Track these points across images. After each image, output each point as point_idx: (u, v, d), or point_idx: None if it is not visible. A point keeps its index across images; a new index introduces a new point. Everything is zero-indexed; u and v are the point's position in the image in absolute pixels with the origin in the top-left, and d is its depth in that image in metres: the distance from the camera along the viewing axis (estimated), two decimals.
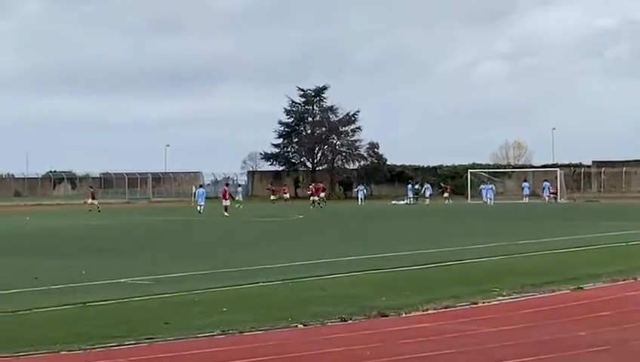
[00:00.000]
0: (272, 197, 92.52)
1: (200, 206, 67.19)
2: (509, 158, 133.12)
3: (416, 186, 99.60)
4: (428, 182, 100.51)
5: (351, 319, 14.28)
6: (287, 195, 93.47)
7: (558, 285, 18.49)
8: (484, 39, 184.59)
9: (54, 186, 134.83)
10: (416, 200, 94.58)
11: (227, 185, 75.59)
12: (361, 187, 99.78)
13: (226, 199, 66.32)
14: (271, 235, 39.94)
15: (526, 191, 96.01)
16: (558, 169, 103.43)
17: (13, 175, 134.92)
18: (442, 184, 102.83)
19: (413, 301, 16.11)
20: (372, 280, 19.95)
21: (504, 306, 15.98)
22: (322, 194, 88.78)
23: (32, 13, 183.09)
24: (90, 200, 78.48)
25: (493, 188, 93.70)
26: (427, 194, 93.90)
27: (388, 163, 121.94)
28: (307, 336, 12.87)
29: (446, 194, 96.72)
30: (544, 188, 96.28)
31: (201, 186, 75.78)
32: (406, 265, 23.26)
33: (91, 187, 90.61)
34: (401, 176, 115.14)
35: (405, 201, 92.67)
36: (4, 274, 21.89)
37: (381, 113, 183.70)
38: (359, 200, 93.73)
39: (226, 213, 61.82)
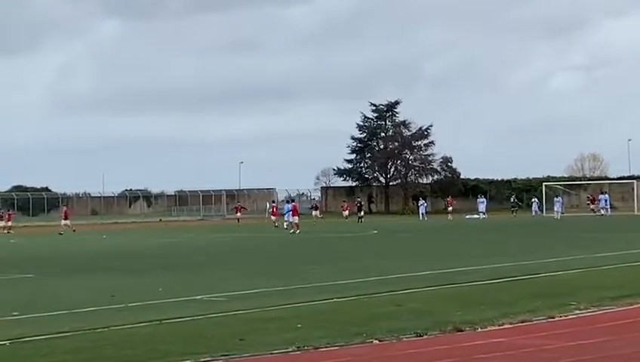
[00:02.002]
0: (345, 213, 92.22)
1: (286, 222, 67.65)
2: (584, 171, 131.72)
3: (512, 199, 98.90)
4: (536, 197, 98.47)
5: (426, 334, 14.20)
6: (347, 212, 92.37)
7: (636, 298, 18.19)
8: (557, 50, 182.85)
9: (130, 204, 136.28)
10: (514, 213, 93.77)
11: (292, 201, 74.82)
12: (422, 202, 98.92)
13: (294, 215, 63.96)
14: (345, 251, 39.92)
15: (603, 204, 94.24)
16: (634, 181, 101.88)
17: (90, 194, 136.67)
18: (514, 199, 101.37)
19: (488, 315, 15.97)
20: (447, 295, 19.83)
21: (581, 320, 15.77)
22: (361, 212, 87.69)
23: (107, 34, 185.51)
24: (63, 222, 72.86)
25: (561, 200, 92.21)
26: (535, 207, 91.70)
27: (462, 177, 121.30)
28: (382, 352, 12.82)
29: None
30: (600, 201, 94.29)
31: (288, 202, 76.64)
32: (481, 279, 23.08)
33: (65, 205, 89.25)
34: (475, 189, 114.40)
35: (479, 216, 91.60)
36: (81, 293, 22.17)
37: (454, 127, 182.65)
38: (420, 214, 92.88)
39: (295, 231, 60.68)
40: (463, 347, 13.06)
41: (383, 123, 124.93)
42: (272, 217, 73.61)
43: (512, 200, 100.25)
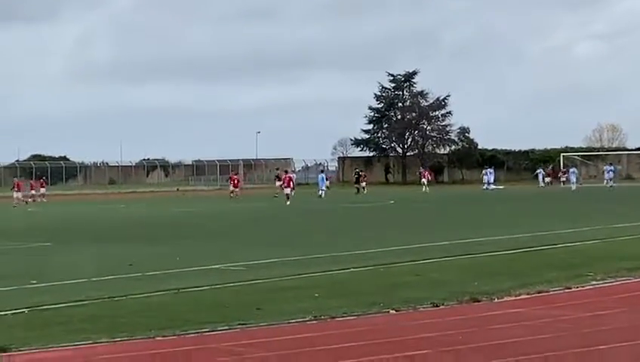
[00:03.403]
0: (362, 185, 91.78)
1: (321, 191, 68.94)
2: (602, 141, 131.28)
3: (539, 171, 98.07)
4: (574, 166, 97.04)
5: (443, 304, 14.21)
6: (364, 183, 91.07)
7: None
8: (579, 20, 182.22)
9: (148, 174, 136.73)
10: (547, 184, 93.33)
11: (286, 171, 73.39)
12: (425, 171, 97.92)
13: (289, 187, 62.28)
14: (362, 221, 39.94)
15: (610, 175, 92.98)
16: None
17: (107, 163, 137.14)
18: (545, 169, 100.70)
19: (505, 286, 15.97)
20: (464, 266, 19.83)
21: (598, 291, 15.76)
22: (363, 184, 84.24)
23: (125, 3, 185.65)
24: (15, 194, 71.04)
25: (576, 171, 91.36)
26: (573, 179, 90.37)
27: (479, 147, 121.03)
28: (399, 322, 12.84)
29: (548, 179, 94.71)
30: (608, 171, 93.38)
31: (322, 171, 78.15)
32: (498, 250, 23.06)
33: (16, 178, 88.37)
34: (493, 160, 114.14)
35: (488, 187, 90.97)
36: (99, 262, 22.25)
37: (472, 97, 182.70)
38: (423, 186, 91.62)
39: (285, 201, 58.85)
40: (479, 317, 13.07)
41: (401, 93, 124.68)
42: (277, 183, 73.98)
43: (541, 170, 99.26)
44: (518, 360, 9.95)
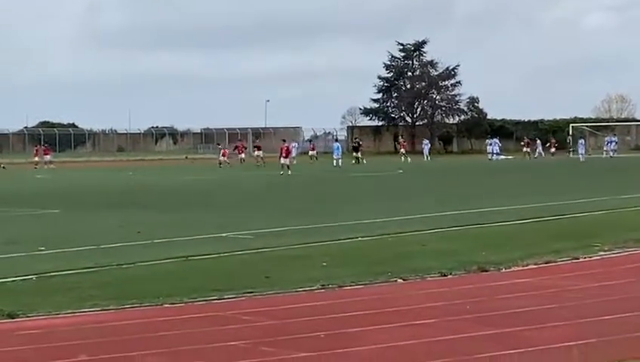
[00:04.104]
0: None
1: (337, 160, 69.85)
2: (611, 112, 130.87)
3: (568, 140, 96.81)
4: (582, 137, 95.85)
5: (450, 274, 14.23)
6: (403, 150, 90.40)
7: None
8: None
9: (156, 141, 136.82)
10: (570, 153, 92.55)
11: (284, 141, 72.49)
12: (425, 141, 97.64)
13: (286, 157, 61.15)
14: (370, 190, 39.94)
15: (612, 146, 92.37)
16: None
17: (116, 130, 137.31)
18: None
19: (513, 256, 15.97)
20: (472, 235, 19.83)
21: (606, 261, 15.75)
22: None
23: None
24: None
25: (583, 142, 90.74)
26: (582, 150, 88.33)
27: (488, 117, 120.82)
28: (407, 291, 12.86)
29: (552, 150, 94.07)
30: (609, 143, 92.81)
31: (336, 140, 79.70)
32: (506, 219, 23.04)
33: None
34: (501, 130, 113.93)
35: (504, 156, 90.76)
36: (108, 229, 22.30)
37: (482, 67, 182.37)
38: (425, 155, 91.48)
39: (285, 172, 57.61)
40: (487, 287, 13.09)
41: (410, 62, 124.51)
42: (256, 152, 76.59)
43: (568, 140, 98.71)
44: (525, 330, 9.97)
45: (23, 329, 10.39)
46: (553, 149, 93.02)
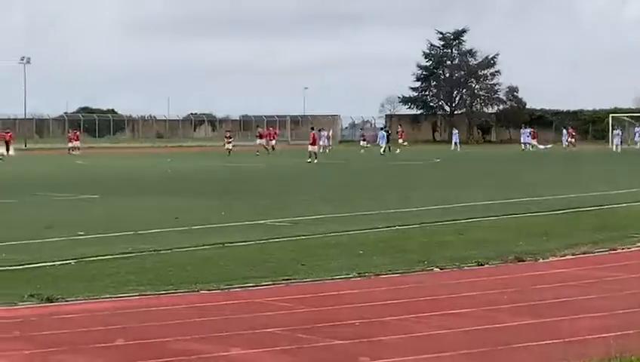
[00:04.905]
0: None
1: (382, 147, 70.50)
2: None
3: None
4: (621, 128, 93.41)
5: (487, 263, 14.20)
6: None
7: None
8: None
9: (195, 128, 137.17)
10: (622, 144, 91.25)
11: (312, 128, 71.73)
12: (455, 131, 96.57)
13: (314, 145, 60.53)
14: (407, 179, 39.88)
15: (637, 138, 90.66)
16: None
17: (155, 117, 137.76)
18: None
19: (550, 246, 15.91)
20: (509, 225, 19.76)
21: None
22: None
23: None
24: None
25: (620, 133, 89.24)
26: (618, 141, 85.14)
27: (527, 107, 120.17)
28: (443, 280, 12.85)
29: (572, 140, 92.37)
30: (637, 133, 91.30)
31: (381, 129, 79.89)
32: (544, 210, 22.93)
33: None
34: (541, 120, 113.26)
35: (547, 146, 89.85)
36: (146, 214, 22.44)
37: (522, 56, 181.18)
38: (453, 144, 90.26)
39: (312, 160, 57.04)
40: (523, 277, 13.05)
41: (450, 51, 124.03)
42: (258, 140, 76.23)
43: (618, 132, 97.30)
44: (562, 321, 9.93)
45: (62, 314, 10.49)
46: (572, 139, 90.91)
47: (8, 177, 40.92)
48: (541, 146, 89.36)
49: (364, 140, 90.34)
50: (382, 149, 72.84)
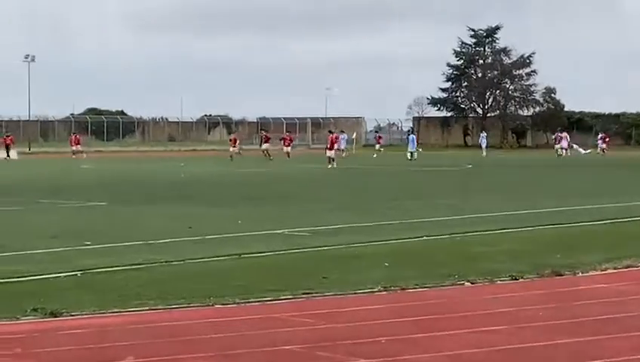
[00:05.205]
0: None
1: (410, 153, 72.11)
2: None
3: None
4: None
5: (522, 277, 14.14)
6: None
7: None
8: None
9: (209, 131, 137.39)
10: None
11: (330, 132, 70.51)
12: (483, 134, 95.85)
13: (332, 149, 61.06)
14: (436, 186, 39.83)
15: None
16: None
17: (167, 119, 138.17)
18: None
19: (590, 259, 15.83)
20: (545, 236, 19.69)
21: None
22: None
23: None
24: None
25: None
26: None
27: (565, 109, 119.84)
28: (475, 295, 12.81)
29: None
30: None
31: (411, 132, 79.83)
32: (583, 220, 22.85)
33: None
34: (580, 123, 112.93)
35: (587, 151, 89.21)
36: (157, 223, 22.48)
37: (560, 55, 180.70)
38: (482, 149, 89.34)
39: (332, 165, 57.85)
40: (561, 292, 13.00)
41: (482, 49, 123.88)
42: (264, 145, 75.71)
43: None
44: (603, 339, 9.88)
45: (67, 329, 10.50)
46: (604, 145, 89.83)
47: (12, 182, 41.12)
48: (582, 150, 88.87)
49: (378, 143, 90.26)
50: (410, 154, 72.92)
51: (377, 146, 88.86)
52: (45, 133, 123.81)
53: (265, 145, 75.91)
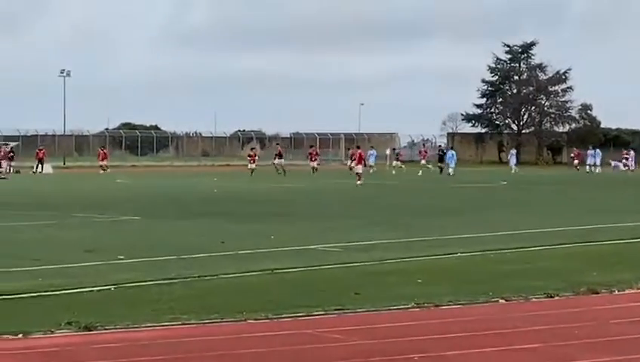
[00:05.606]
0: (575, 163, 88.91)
1: (451, 168, 72.45)
2: None
3: None
4: None
5: (557, 295, 14.07)
6: (577, 161, 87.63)
7: None
8: None
9: (243, 146, 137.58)
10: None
11: (358, 147, 69.74)
12: (512, 151, 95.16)
13: (360, 164, 59.62)
14: (470, 202, 39.70)
15: None
16: None
17: (201, 133, 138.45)
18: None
19: (627, 277, 15.73)
20: (581, 254, 19.59)
21: None
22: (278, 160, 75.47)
23: None
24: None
25: None
26: None
27: (602, 126, 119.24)
28: (509, 312, 12.75)
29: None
30: None
31: (451, 148, 79.84)
32: (620, 237, 22.71)
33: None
34: (617, 140, 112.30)
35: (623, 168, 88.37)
36: (190, 238, 22.51)
37: (596, 71, 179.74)
38: (511, 166, 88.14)
39: (360, 181, 56.31)
40: (597, 310, 12.91)
41: (517, 65, 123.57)
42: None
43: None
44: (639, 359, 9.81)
45: (100, 342, 10.53)
46: (632, 162, 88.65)
47: (47, 196, 41.35)
48: (621, 167, 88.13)
49: (397, 160, 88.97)
50: (450, 170, 72.86)
51: (396, 163, 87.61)
52: (80, 148, 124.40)
53: (277, 161, 74.65)
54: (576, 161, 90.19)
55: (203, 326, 11.56)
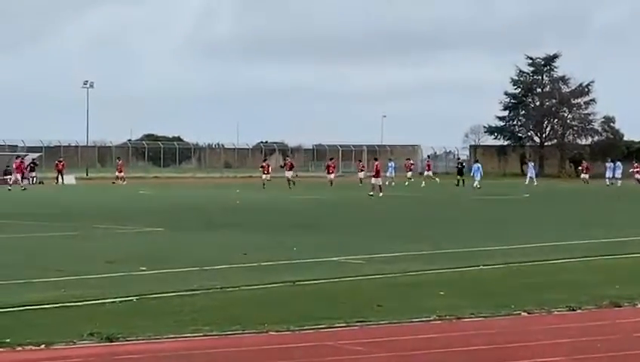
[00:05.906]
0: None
1: (476, 181, 71.95)
2: None
3: None
4: None
5: (580, 308, 14.02)
6: (587, 175, 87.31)
7: None
8: None
9: (265, 157, 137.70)
10: None
11: (376, 159, 66.55)
12: (531, 164, 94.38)
13: (378, 177, 59.20)
14: (493, 215, 39.63)
15: None
16: None
17: (223, 145, 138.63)
18: None
19: None
20: (604, 267, 19.52)
21: None
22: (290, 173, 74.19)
23: None
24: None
25: None
26: None
27: (625, 139, 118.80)
28: (531, 325, 12.72)
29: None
30: None
31: (476, 161, 79.40)
32: None
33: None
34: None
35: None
36: (212, 250, 22.56)
37: (619, 83, 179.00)
38: (528, 178, 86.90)
39: (377, 193, 56.00)
40: (620, 324, 12.86)
41: (540, 78, 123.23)
42: (287, 173, 73.14)
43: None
44: None
45: (122, 354, 10.56)
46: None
47: (69, 207, 41.50)
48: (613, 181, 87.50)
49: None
50: (476, 182, 72.68)
51: (427, 173, 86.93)
52: (103, 159, 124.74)
53: (288, 173, 73.76)
54: (583, 175, 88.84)
55: (225, 337, 11.57)
